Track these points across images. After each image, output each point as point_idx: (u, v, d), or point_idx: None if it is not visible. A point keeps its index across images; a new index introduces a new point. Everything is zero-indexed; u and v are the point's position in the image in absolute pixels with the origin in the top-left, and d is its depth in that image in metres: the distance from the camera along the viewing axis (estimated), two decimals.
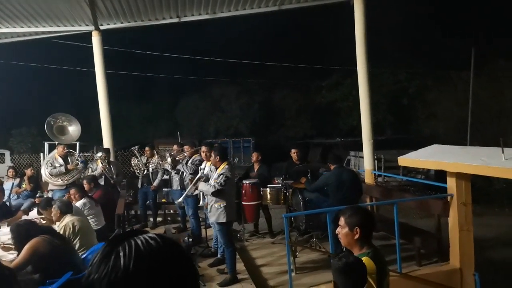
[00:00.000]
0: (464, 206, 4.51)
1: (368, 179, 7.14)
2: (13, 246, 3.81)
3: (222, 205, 4.60)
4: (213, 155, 4.74)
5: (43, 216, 5.43)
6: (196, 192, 5.50)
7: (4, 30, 7.88)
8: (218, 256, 5.26)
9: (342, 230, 2.41)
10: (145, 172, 7.09)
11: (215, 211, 4.63)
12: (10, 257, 3.71)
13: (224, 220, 4.62)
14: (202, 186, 4.73)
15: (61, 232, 3.99)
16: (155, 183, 7.07)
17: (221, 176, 4.56)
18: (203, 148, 5.24)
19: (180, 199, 5.41)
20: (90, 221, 4.90)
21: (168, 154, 5.98)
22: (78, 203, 5.10)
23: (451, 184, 4.59)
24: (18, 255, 3.40)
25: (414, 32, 19.50)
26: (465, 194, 4.53)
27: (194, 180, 5.03)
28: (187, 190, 5.46)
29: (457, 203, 4.52)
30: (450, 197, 4.62)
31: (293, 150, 6.58)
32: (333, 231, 2.55)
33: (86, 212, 5.08)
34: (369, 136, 7.15)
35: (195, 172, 5.56)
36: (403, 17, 18.91)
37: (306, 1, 7.45)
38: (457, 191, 4.52)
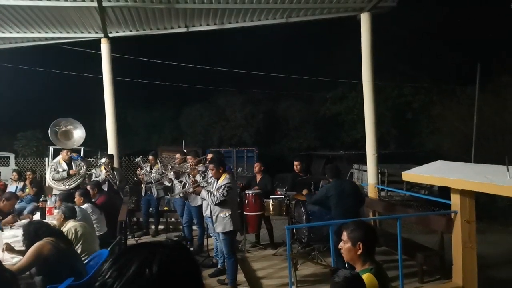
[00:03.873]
0: (468, 223, 4.48)
1: (372, 193, 7.12)
2: (16, 248, 3.83)
3: (227, 214, 4.61)
4: (213, 167, 4.70)
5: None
6: (198, 204, 5.52)
7: (14, 35, 8.00)
8: (219, 266, 5.24)
9: (345, 245, 2.40)
10: (152, 183, 7.09)
11: (222, 221, 4.63)
12: (13, 260, 3.72)
13: (231, 229, 4.64)
14: (204, 194, 4.74)
15: None
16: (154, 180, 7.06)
17: (223, 186, 4.56)
18: (211, 166, 5.10)
19: (175, 194, 5.73)
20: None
21: (170, 166, 6.00)
22: (83, 206, 5.13)
23: (455, 201, 4.57)
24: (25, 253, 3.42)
25: (419, 46, 19.58)
26: (469, 211, 4.50)
27: (196, 184, 5.02)
28: (185, 188, 5.48)
29: (461, 220, 4.49)
30: (454, 214, 4.59)
31: (295, 162, 6.65)
32: (336, 244, 2.54)
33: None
34: (373, 150, 7.15)
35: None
36: (408, 32, 19.01)
37: (313, 14, 7.53)
38: (461, 208, 4.49)
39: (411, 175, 4.76)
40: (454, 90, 15.80)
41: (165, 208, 7.89)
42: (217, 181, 4.71)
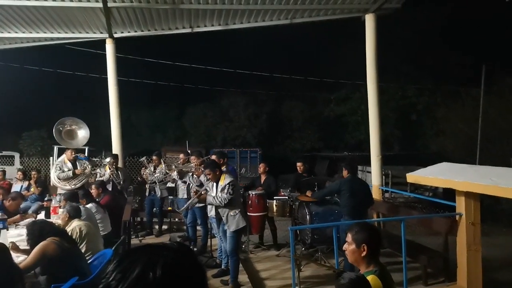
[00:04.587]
0: (472, 225, 4.47)
1: (376, 194, 7.09)
2: (21, 247, 3.85)
3: (237, 211, 4.66)
4: (209, 172, 4.69)
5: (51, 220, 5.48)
6: (201, 204, 5.53)
7: (20, 35, 8.05)
8: (223, 267, 5.24)
9: (349, 247, 2.39)
10: (156, 182, 7.10)
11: (233, 219, 4.65)
12: (18, 259, 3.74)
13: (244, 224, 4.71)
14: (210, 199, 4.75)
15: None
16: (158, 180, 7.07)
17: (227, 186, 4.58)
18: (207, 171, 4.89)
19: (182, 208, 5.59)
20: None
21: (174, 166, 6.01)
22: (88, 206, 5.15)
23: (460, 203, 4.55)
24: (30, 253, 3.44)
25: (423, 48, 19.50)
26: (474, 213, 4.48)
27: (198, 193, 5.03)
28: (190, 201, 5.46)
29: (465, 223, 4.48)
30: (458, 216, 4.58)
31: (298, 163, 6.67)
32: (343, 241, 2.52)
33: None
34: (378, 151, 7.14)
35: (201, 185, 5.56)
36: (412, 33, 18.94)
37: (317, 15, 7.53)
38: (466, 211, 4.48)
39: (416, 176, 4.76)
40: (458, 91, 15.73)
41: (169, 208, 7.90)
42: (217, 184, 4.72)
